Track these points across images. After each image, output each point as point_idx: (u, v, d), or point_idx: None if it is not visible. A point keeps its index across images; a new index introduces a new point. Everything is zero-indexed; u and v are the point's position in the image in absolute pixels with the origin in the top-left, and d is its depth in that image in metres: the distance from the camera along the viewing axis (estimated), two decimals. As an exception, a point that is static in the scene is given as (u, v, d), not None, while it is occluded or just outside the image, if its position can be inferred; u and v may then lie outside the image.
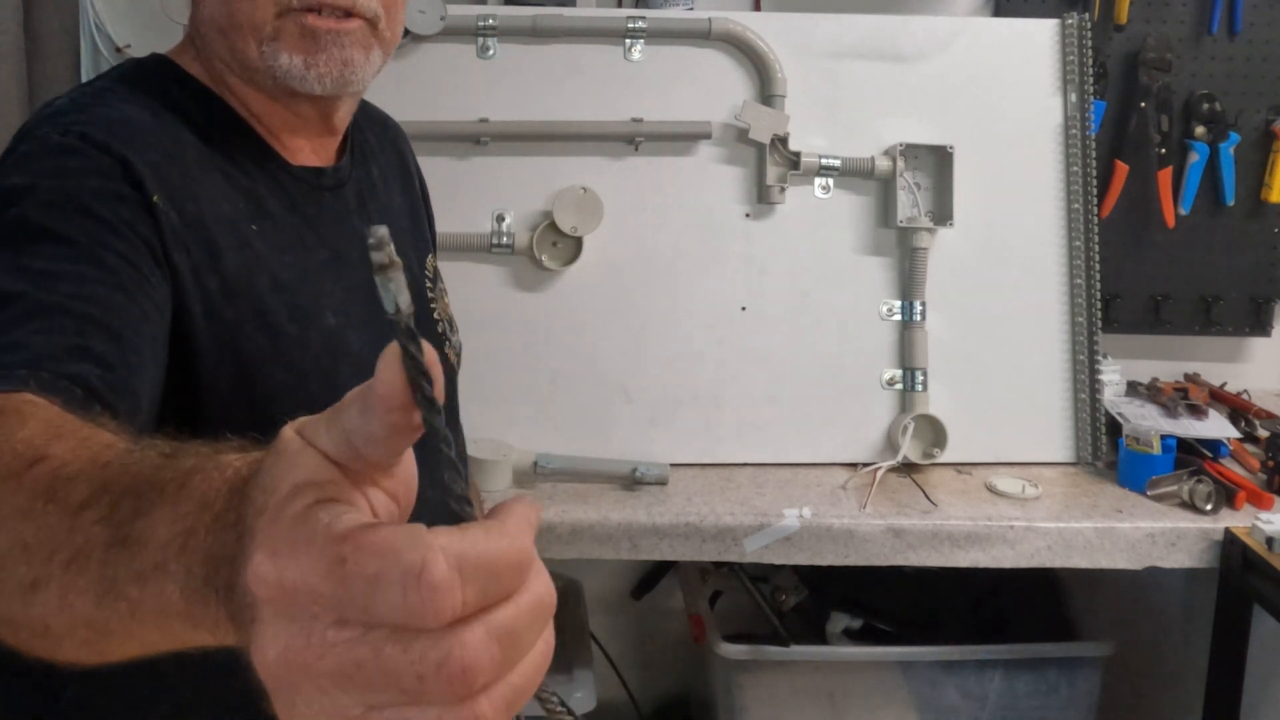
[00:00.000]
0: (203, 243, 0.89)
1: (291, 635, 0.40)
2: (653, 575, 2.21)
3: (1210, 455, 1.80)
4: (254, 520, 0.43)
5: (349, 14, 0.95)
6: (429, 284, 1.16)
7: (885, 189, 1.89)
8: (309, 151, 1.04)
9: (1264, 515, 1.64)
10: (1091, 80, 1.92)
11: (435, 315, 1.15)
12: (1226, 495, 1.69)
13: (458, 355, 1.19)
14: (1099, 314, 1.89)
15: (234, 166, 0.96)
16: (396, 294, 0.43)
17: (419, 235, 1.20)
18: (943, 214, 1.88)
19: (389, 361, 0.43)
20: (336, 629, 0.40)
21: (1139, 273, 2.14)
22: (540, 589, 0.43)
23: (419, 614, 0.39)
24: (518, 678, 0.42)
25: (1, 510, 0.55)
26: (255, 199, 0.96)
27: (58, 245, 0.78)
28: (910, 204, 1.88)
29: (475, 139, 1.84)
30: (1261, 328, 2.18)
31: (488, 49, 1.87)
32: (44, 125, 0.88)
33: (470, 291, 1.84)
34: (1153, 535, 1.64)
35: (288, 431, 0.45)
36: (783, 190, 1.87)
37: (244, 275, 0.91)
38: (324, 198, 1.03)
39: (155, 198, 0.86)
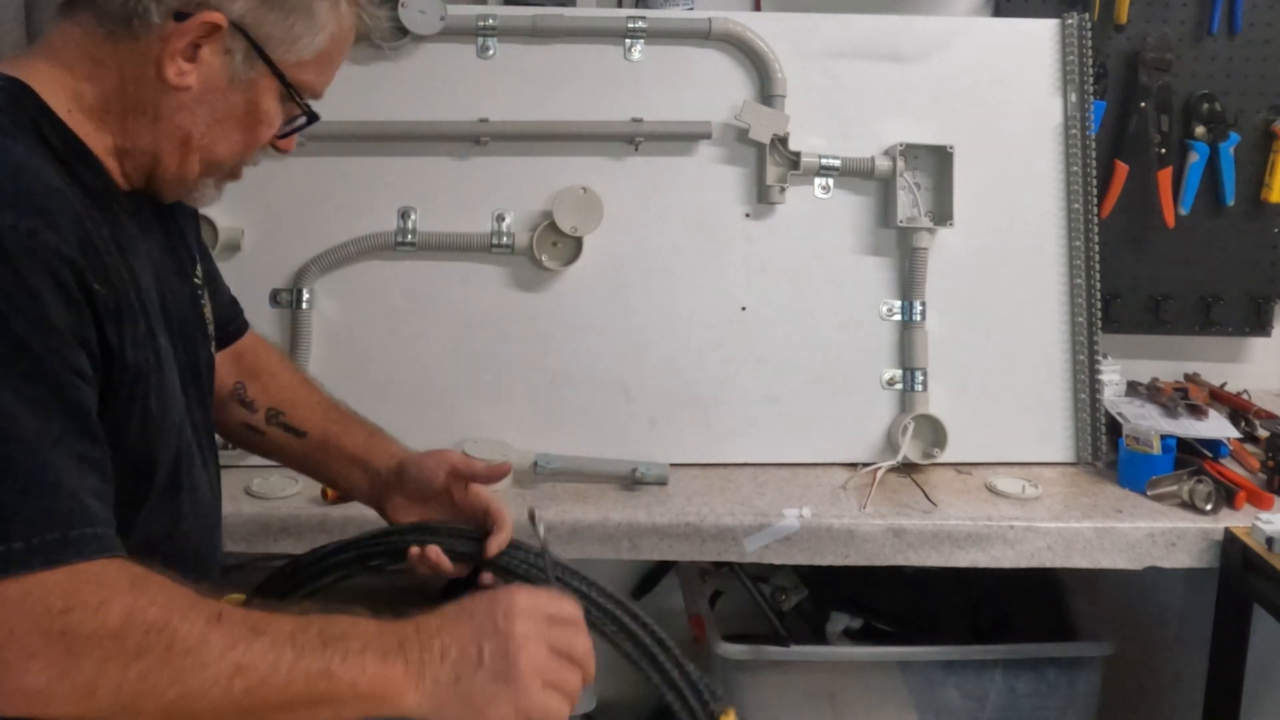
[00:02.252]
0: (117, 305, 0.96)
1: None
2: (653, 575, 2.21)
3: (1210, 455, 1.80)
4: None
5: None
6: (200, 291, 1.21)
7: (885, 189, 1.89)
8: (124, 180, 1.08)
9: (1264, 515, 1.64)
10: (1091, 80, 1.92)
11: (206, 316, 1.21)
12: (1226, 495, 1.69)
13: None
14: (1099, 314, 1.89)
15: (99, 209, 1.00)
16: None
17: (191, 244, 1.23)
18: (943, 214, 1.88)
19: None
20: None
21: (1139, 273, 2.14)
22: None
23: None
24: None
25: (218, 648, 0.84)
26: (116, 238, 1.01)
27: (41, 376, 0.86)
28: (910, 204, 1.88)
29: (475, 139, 1.84)
30: (1261, 328, 2.18)
31: (488, 49, 1.87)
32: None
33: (470, 291, 1.85)
34: (1153, 535, 1.64)
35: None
36: (783, 190, 1.87)
37: (136, 322, 0.99)
38: (136, 219, 1.08)
39: (96, 285, 0.92)
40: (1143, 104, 2.06)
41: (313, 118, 1.10)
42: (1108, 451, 1.87)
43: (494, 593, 0.98)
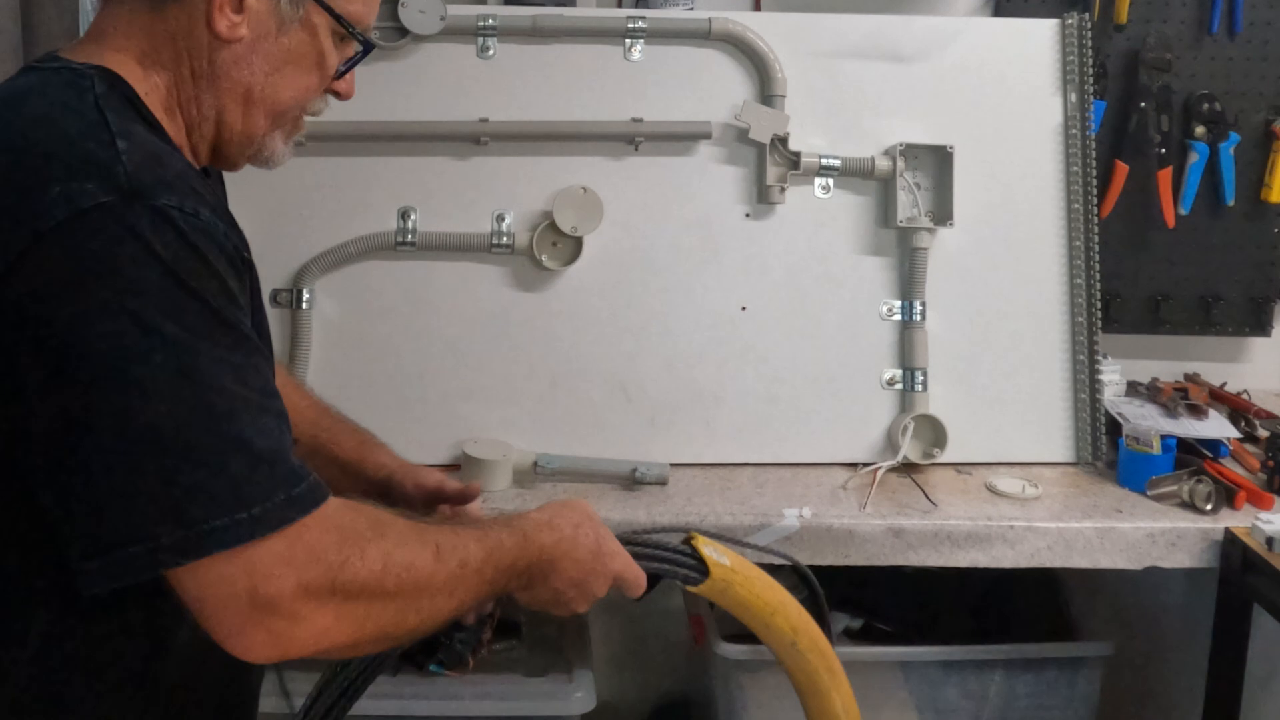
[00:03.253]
0: (253, 275, 1.01)
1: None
2: (653, 575, 2.20)
3: (1210, 455, 1.80)
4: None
5: None
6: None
7: (885, 189, 1.89)
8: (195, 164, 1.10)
9: (1264, 515, 1.64)
10: (1091, 80, 1.92)
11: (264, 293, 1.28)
12: (1226, 495, 1.69)
13: None
14: (1099, 314, 1.89)
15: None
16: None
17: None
18: (943, 214, 1.88)
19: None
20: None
21: (1139, 273, 2.14)
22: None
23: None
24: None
25: (443, 579, 0.98)
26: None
27: (237, 345, 0.91)
28: (910, 204, 1.88)
29: (475, 139, 1.84)
30: (1261, 328, 2.18)
31: (488, 49, 1.87)
32: (153, 192, 0.88)
33: (470, 291, 1.85)
34: (1153, 535, 1.64)
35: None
36: (783, 190, 1.87)
37: (256, 292, 1.04)
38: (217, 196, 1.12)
39: (246, 255, 0.98)
40: (1143, 104, 2.06)
41: (369, 46, 1.09)
42: (1108, 451, 1.87)
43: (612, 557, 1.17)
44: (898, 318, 1.88)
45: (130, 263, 0.85)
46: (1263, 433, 1.89)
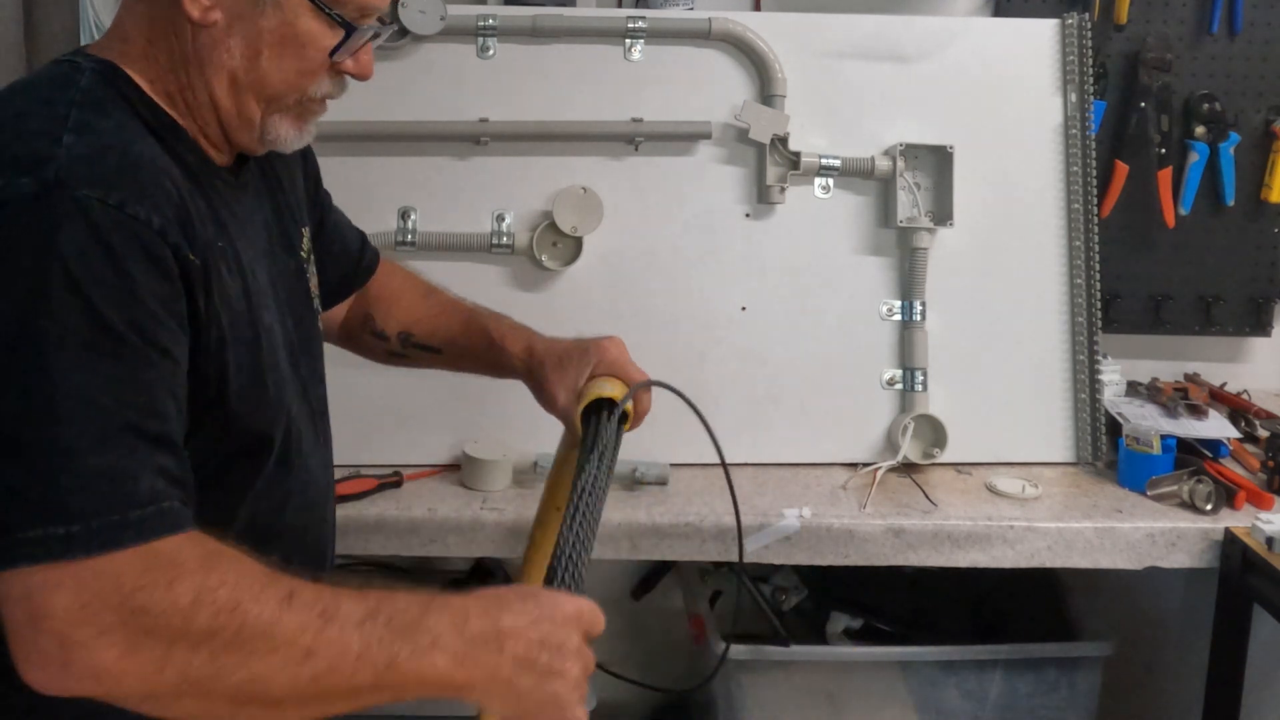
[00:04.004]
0: (207, 275, 0.96)
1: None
2: (653, 575, 2.21)
3: (1210, 455, 1.81)
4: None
5: None
6: (306, 263, 1.21)
7: (885, 189, 1.89)
8: (221, 153, 1.09)
9: (1264, 515, 1.64)
10: (1091, 80, 1.92)
11: (312, 290, 1.22)
12: (1226, 495, 1.69)
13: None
14: (1099, 314, 1.89)
15: (196, 185, 1.01)
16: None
17: (301, 214, 1.24)
18: (943, 214, 1.88)
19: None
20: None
21: (1139, 273, 2.14)
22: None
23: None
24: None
25: (288, 633, 0.84)
26: (215, 212, 1.02)
27: (118, 355, 0.86)
28: (910, 204, 1.88)
29: (475, 139, 1.84)
30: (1261, 328, 2.18)
31: (488, 49, 1.87)
32: (77, 183, 0.88)
33: (470, 291, 1.83)
34: (1153, 535, 1.64)
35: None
36: (783, 190, 1.87)
37: (228, 292, 1.00)
38: (242, 195, 1.09)
39: (190, 256, 0.93)
40: (1143, 104, 2.06)
41: (351, 31, 1.02)
42: (1108, 451, 1.87)
43: (552, 601, 0.95)
44: (898, 318, 1.88)
45: (27, 253, 0.85)
46: (1263, 433, 1.89)
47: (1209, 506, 1.67)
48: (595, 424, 1.20)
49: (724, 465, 1.24)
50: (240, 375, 1.00)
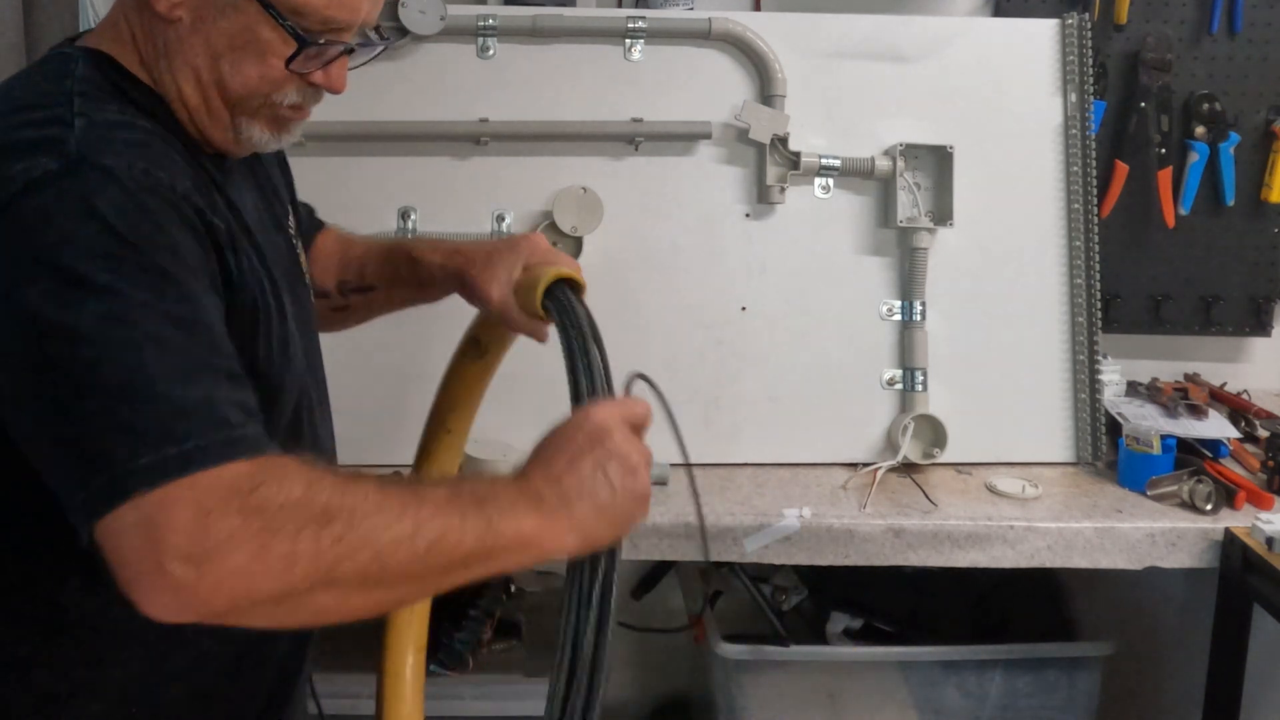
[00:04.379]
0: (232, 241, 0.99)
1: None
2: (653, 575, 2.21)
3: (1210, 455, 1.81)
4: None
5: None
6: (295, 240, 1.23)
7: (885, 189, 1.89)
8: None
9: (1264, 515, 1.64)
10: (1091, 80, 1.92)
11: (303, 264, 1.24)
12: (1226, 495, 1.69)
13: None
14: (1099, 314, 1.89)
15: (197, 167, 1.02)
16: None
17: (283, 194, 1.26)
18: (943, 214, 1.88)
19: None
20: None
21: (1139, 273, 2.14)
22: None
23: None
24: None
25: (394, 511, 0.86)
26: (219, 189, 1.04)
27: (180, 298, 0.89)
28: (910, 204, 1.88)
29: (475, 139, 1.84)
30: (1261, 328, 2.18)
31: (488, 49, 1.87)
32: (100, 155, 0.90)
33: (470, 291, 1.84)
34: (1153, 535, 1.64)
35: None
36: (783, 190, 1.87)
37: (251, 261, 1.02)
38: (231, 177, 1.10)
39: (214, 220, 0.96)
40: (1143, 104, 2.06)
41: (303, 42, 1.01)
42: (1108, 451, 1.87)
43: (579, 419, 1.01)
44: (898, 318, 1.88)
45: (67, 218, 0.87)
46: (1263, 433, 1.89)
47: (1209, 506, 1.67)
48: (566, 298, 1.19)
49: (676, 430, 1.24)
50: (269, 342, 1.03)
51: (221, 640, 1.03)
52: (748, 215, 1.88)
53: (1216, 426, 1.87)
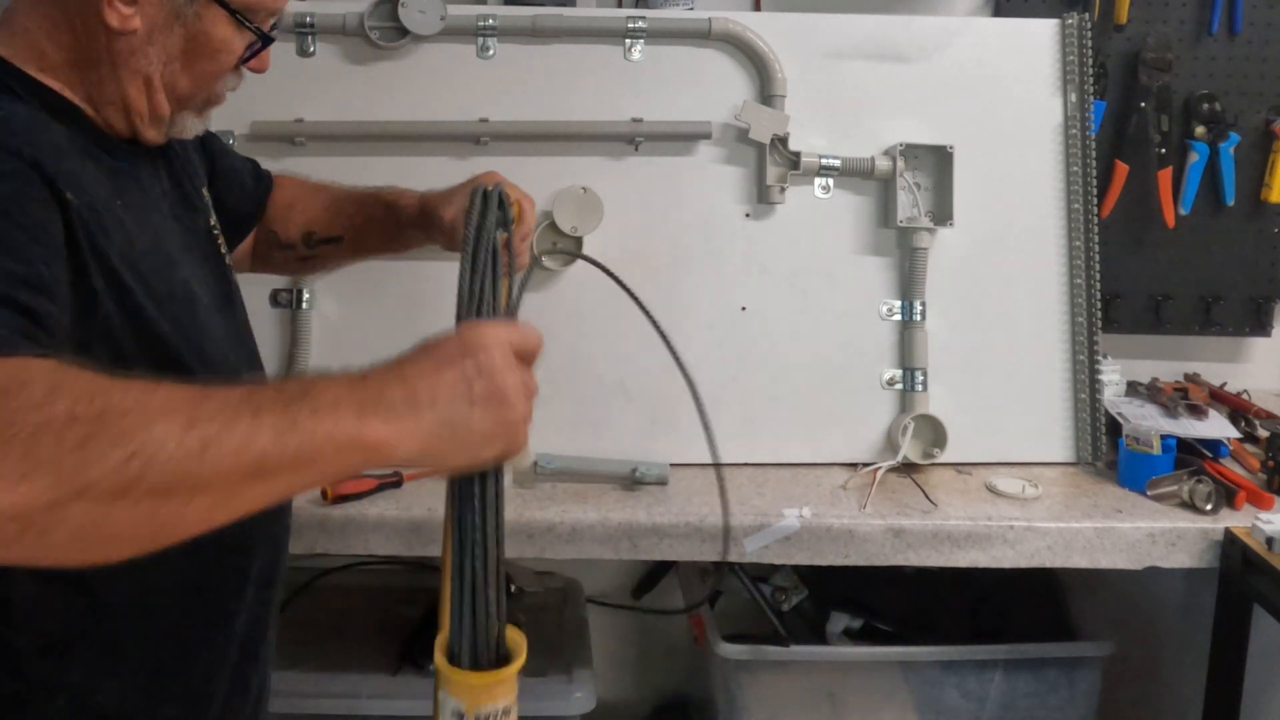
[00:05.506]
0: (97, 227, 0.97)
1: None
2: (653, 575, 2.21)
3: (1210, 455, 1.81)
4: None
5: None
6: (210, 219, 1.23)
7: (885, 189, 1.89)
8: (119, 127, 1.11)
9: (1264, 515, 1.64)
10: (1091, 80, 1.92)
11: (220, 246, 1.23)
12: (1226, 495, 1.69)
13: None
14: (1099, 314, 1.89)
15: (88, 150, 1.03)
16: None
17: (198, 174, 1.26)
18: (943, 214, 1.88)
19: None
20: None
21: (1139, 273, 2.14)
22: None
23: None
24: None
25: (161, 406, 0.75)
26: (115, 178, 1.04)
27: None
28: (910, 204, 1.88)
29: (475, 139, 1.84)
30: (1261, 328, 2.18)
31: (488, 49, 1.87)
32: None
33: (470, 291, 1.84)
34: (1153, 535, 1.64)
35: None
36: (783, 190, 1.87)
37: (126, 248, 1.00)
38: (140, 164, 1.11)
39: (68, 195, 0.93)
40: (1143, 104, 2.06)
41: (267, 40, 1.09)
42: (1108, 451, 1.87)
43: (459, 331, 0.91)
44: (898, 318, 1.88)
45: None
46: (1263, 433, 1.89)
47: (1209, 506, 1.67)
48: (484, 206, 1.12)
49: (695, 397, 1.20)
50: (174, 326, 1.02)
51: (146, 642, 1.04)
52: (748, 215, 1.88)
53: (1216, 426, 1.87)
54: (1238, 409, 2.00)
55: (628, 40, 1.88)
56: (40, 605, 0.99)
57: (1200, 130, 2.08)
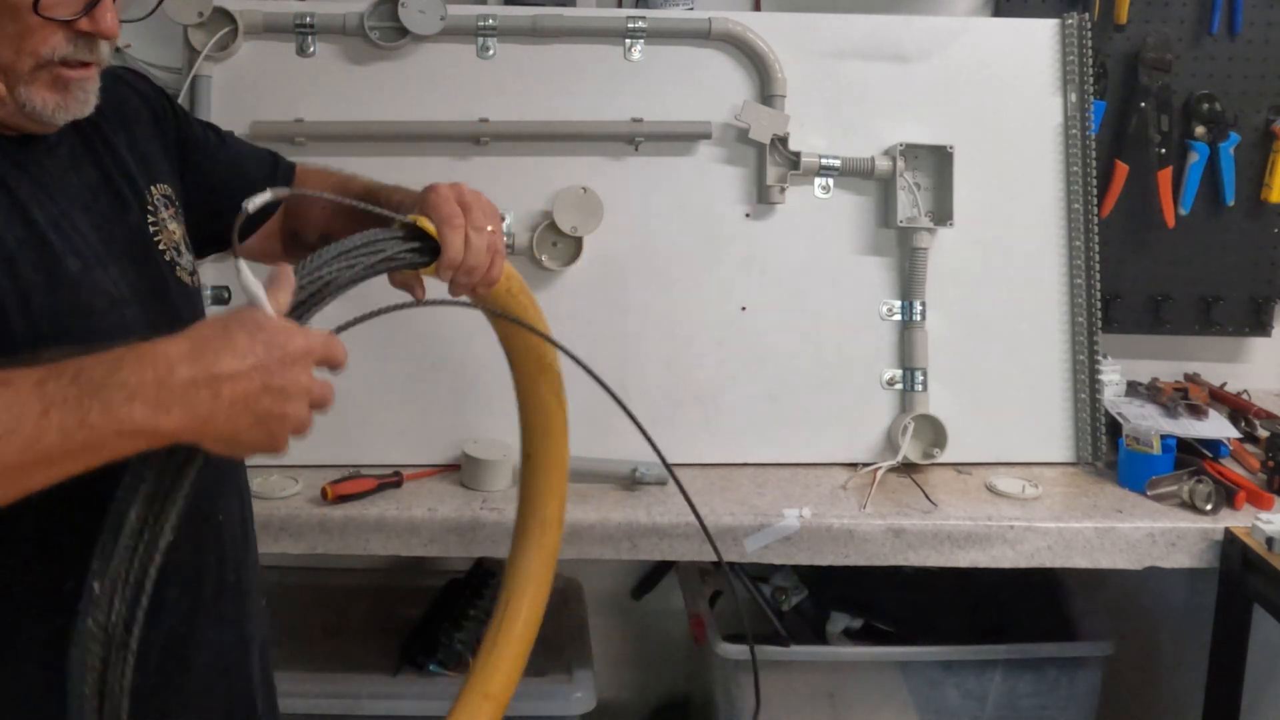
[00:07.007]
0: None
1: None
2: (653, 575, 2.21)
3: (1210, 455, 1.81)
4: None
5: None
6: (150, 210, 1.17)
7: (885, 189, 1.89)
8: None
9: (1264, 515, 1.64)
10: (1091, 80, 1.92)
11: (159, 243, 1.17)
12: (1226, 495, 1.69)
13: (191, 274, 1.21)
14: (1099, 314, 1.89)
15: None
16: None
17: (152, 170, 1.21)
18: (943, 214, 1.88)
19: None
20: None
21: (1139, 273, 2.14)
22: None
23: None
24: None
25: None
26: (8, 176, 1.01)
27: None
28: (910, 204, 1.88)
29: (475, 139, 1.84)
30: (1261, 328, 2.18)
31: (488, 49, 1.87)
32: None
33: (470, 291, 1.84)
34: (1153, 535, 1.64)
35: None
36: (783, 190, 1.87)
37: (19, 248, 0.99)
38: (48, 159, 1.07)
39: None
40: (1143, 104, 2.06)
41: None
42: (1108, 451, 1.87)
43: (285, 333, 0.91)
44: (898, 318, 1.88)
45: None
46: (1263, 433, 1.89)
47: (1209, 506, 1.67)
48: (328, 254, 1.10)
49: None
50: (41, 317, 0.99)
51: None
52: (748, 215, 1.88)
53: (1216, 426, 1.87)
54: (1238, 409, 2.00)
55: (628, 40, 1.88)
56: None
57: (1200, 130, 2.08)
